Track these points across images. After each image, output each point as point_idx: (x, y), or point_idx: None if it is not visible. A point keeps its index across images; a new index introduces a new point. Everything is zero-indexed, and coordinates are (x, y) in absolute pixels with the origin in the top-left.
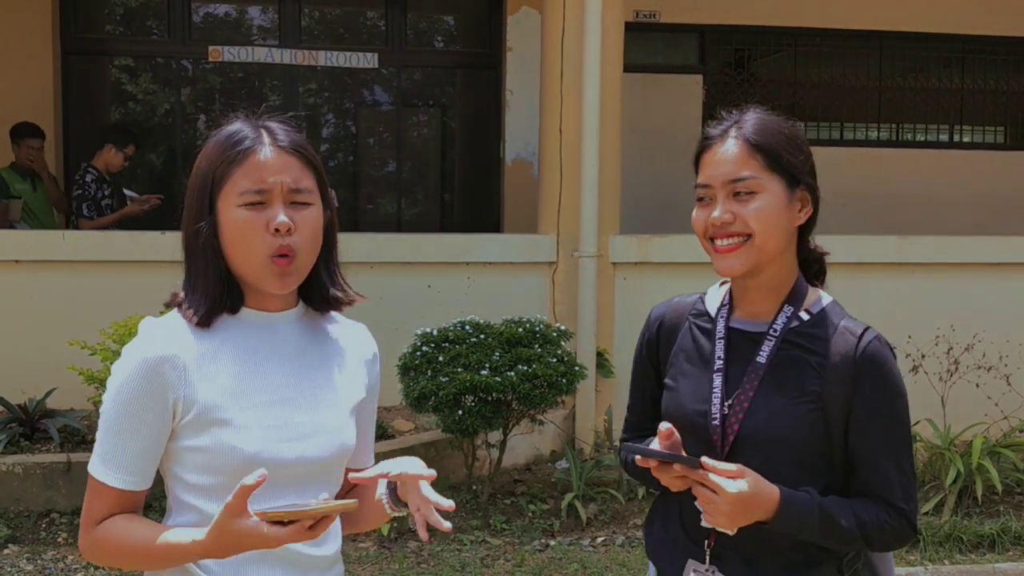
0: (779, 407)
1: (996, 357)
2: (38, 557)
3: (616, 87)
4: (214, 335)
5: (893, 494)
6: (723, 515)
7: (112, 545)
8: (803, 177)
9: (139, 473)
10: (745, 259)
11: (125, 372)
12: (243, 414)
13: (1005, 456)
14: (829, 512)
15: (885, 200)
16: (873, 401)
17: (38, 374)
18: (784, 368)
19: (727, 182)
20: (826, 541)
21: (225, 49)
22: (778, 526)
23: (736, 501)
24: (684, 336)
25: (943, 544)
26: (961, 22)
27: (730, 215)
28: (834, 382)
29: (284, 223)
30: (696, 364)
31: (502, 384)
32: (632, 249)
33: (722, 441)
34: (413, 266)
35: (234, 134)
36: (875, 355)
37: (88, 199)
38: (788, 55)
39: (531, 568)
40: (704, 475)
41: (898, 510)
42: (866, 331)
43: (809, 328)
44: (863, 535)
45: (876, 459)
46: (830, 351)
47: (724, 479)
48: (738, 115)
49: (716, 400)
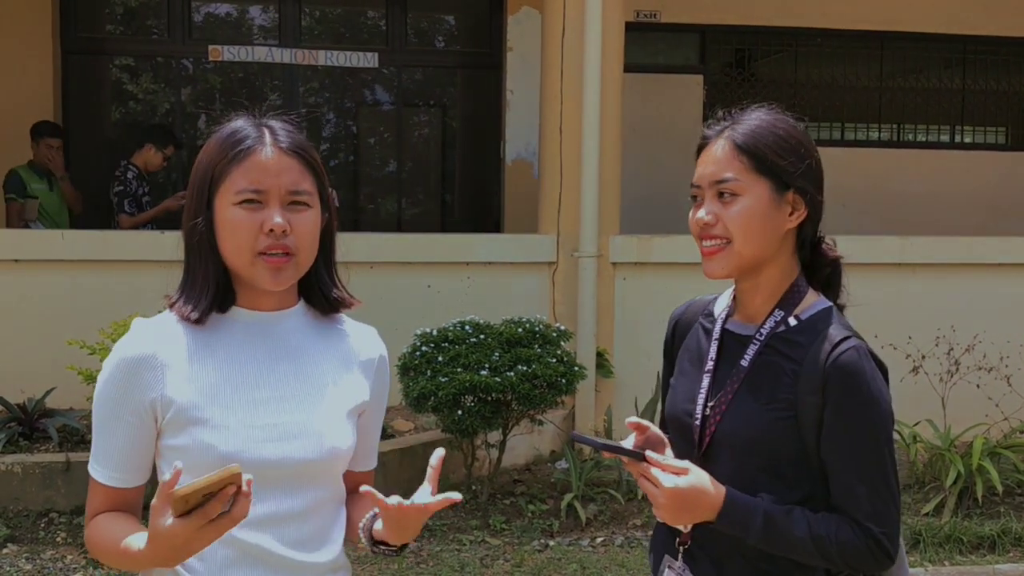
0: (751, 412)
1: (997, 358)
2: (37, 557)
3: (616, 87)
4: (204, 334)
5: (858, 512)
6: (662, 508)
7: (94, 543)
8: (793, 180)
9: (124, 470)
10: (726, 262)
11: (106, 372)
12: (223, 413)
13: (1005, 457)
14: (774, 519)
15: (886, 200)
16: (841, 413)
17: (37, 373)
18: (761, 373)
19: (712, 183)
20: (774, 549)
21: (225, 48)
22: (721, 526)
23: (672, 495)
24: (691, 336)
25: (943, 545)
26: (962, 22)
27: (712, 216)
28: (805, 390)
29: (279, 225)
30: (694, 364)
31: (502, 384)
32: (632, 249)
33: (699, 441)
34: (413, 266)
35: (235, 132)
36: (847, 365)
37: (129, 195)
38: (789, 55)
39: (530, 568)
40: (646, 468)
41: (864, 529)
42: (845, 339)
43: (794, 335)
44: (818, 550)
45: (843, 474)
46: (806, 358)
47: (663, 473)
48: (737, 115)
49: (700, 400)
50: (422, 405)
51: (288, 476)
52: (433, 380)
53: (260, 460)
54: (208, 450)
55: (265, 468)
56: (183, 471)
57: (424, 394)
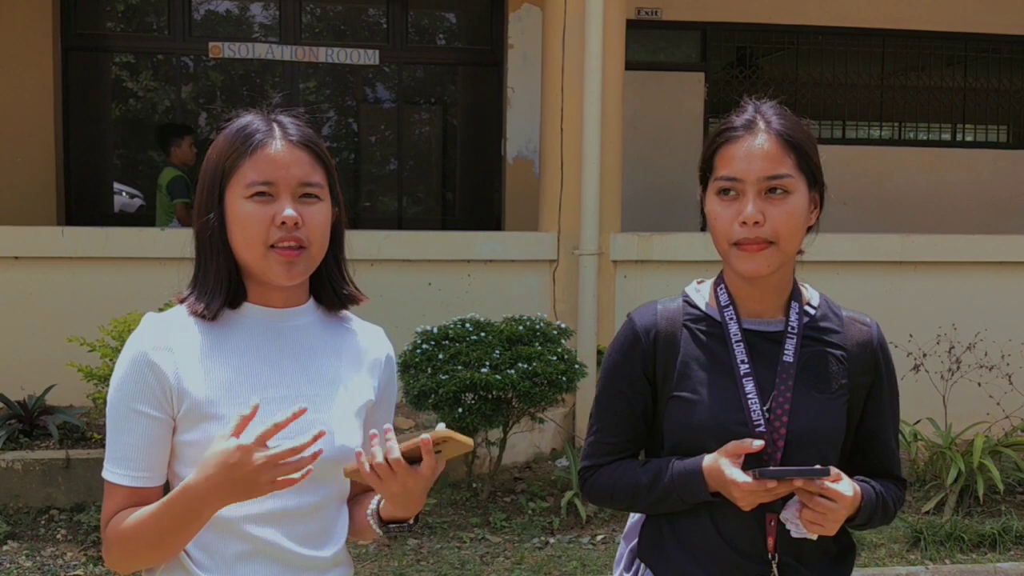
0: (819, 404)
1: (998, 356)
2: (37, 554)
3: (618, 84)
4: (217, 330)
5: (898, 469)
6: (837, 521)
7: (118, 541)
8: (821, 178)
9: (147, 468)
10: (770, 261)
11: (123, 367)
12: (237, 410)
13: (1007, 455)
14: (884, 498)
15: (887, 198)
16: (888, 386)
17: (37, 371)
18: (812, 364)
19: (762, 178)
20: (875, 524)
21: (226, 45)
22: (859, 520)
23: (851, 504)
24: (688, 344)
25: (944, 543)
26: (964, 21)
27: (761, 215)
28: (858, 371)
29: (291, 216)
30: (713, 371)
31: (502, 382)
32: (633, 247)
33: (772, 446)
34: (414, 264)
35: (245, 127)
36: (884, 342)
37: None
38: (790, 53)
39: (531, 566)
40: (821, 485)
41: (902, 482)
42: (871, 320)
43: (820, 322)
44: (891, 516)
45: (888, 440)
46: (847, 342)
47: (839, 485)
48: (757, 104)
49: (754, 406)
50: (423, 403)
51: None
52: (434, 378)
53: None
54: None
55: None
56: (197, 466)
57: (425, 392)
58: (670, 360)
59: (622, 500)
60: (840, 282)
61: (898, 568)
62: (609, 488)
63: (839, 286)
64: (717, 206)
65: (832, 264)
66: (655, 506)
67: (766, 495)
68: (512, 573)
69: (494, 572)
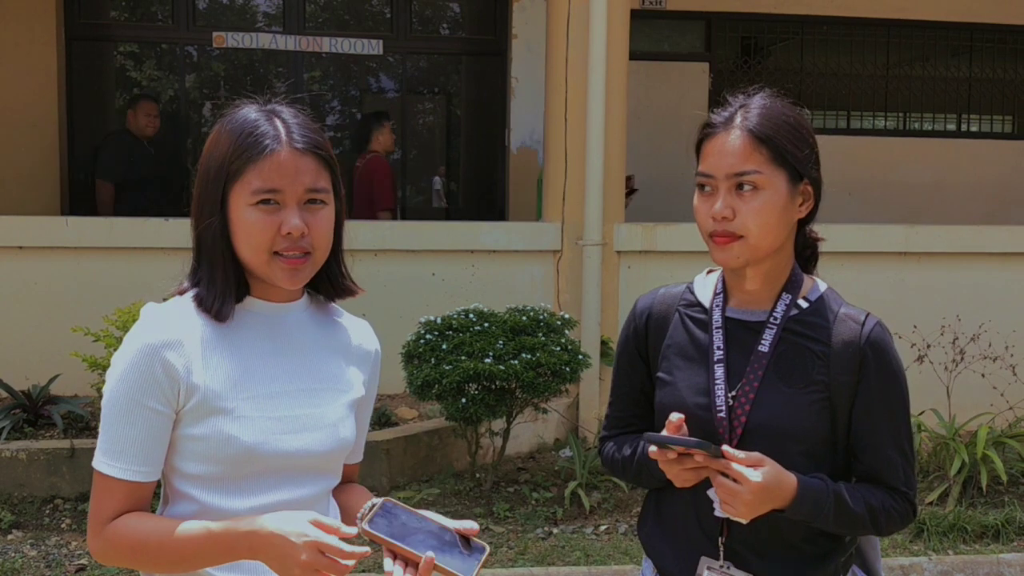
0: (786, 397)
1: (1002, 347)
2: (42, 543)
3: (622, 75)
4: (221, 323)
5: (897, 480)
6: (745, 505)
7: (126, 547)
8: (807, 171)
9: (148, 463)
10: (740, 253)
11: (128, 357)
12: (244, 404)
13: (1010, 446)
14: (843, 498)
15: (892, 189)
16: (878, 389)
17: (41, 360)
18: (788, 357)
19: (730, 175)
20: (838, 528)
21: (229, 35)
22: (794, 513)
23: (759, 490)
24: (675, 328)
25: (947, 534)
26: (969, 10)
27: (730, 211)
28: (839, 370)
29: (298, 227)
30: (691, 356)
31: (506, 372)
32: (637, 237)
33: (729, 433)
34: (417, 254)
35: (249, 126)
36: (878, 341)
37: None
38: (795, 43)
39: (534, 556)
40: (726, 464)
41: (901, 494)
42: (867, 317)
43: (809, 316)
44: (872, 521)
45: (882, 447)
46: (833, 339)
47: (746, 468)
48: (743, 100)
49: (719, 392)
50: (426, 393)
51: (302, 467)
52: (437, 368)
53: (279, 452)
54: (230, 441)
55: (283, 459)
56: (204, 460)
57: (428, 382)
58: (658, 341)
59: (622, 473)
60: (844, 273)
61: (901, 559)
62: (610, 460)
63: (843, 277)
64: (696, 200)
65: (836, 255)
66: (642, 480)
67: (692, 474)
68: (515, 563)
69: (497, 562)
